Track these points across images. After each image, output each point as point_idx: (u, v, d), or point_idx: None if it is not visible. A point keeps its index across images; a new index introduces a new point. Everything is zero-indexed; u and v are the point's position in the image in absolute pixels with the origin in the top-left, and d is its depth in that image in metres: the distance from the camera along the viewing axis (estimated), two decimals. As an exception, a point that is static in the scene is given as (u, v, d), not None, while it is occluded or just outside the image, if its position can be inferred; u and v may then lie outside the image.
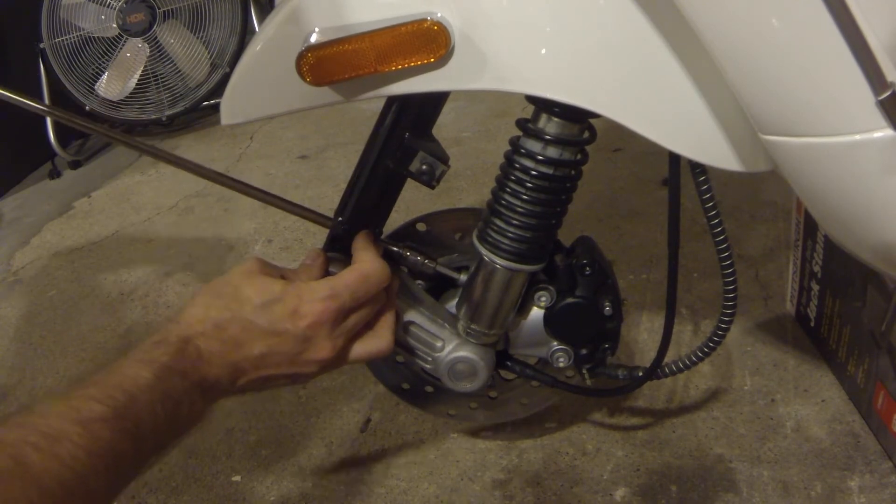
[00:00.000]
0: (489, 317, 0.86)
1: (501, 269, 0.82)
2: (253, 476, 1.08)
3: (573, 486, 1.01)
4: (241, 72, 0.73)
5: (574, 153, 0.78)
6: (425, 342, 0.89)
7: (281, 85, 0.71)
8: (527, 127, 0.77)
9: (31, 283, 1.58)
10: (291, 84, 0.68)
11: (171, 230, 1.73)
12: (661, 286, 1.36)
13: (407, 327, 0.88)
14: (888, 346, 0.98)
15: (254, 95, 0.73)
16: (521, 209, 0.79)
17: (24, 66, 2.03)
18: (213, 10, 2.17)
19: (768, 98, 0.56)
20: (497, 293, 0.84)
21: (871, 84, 0.51)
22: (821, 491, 0.97)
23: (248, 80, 0.73)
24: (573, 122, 0.76)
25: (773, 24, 0.53)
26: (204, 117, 2.33)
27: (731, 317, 0.83)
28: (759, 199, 1.54)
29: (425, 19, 0.64)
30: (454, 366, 0.89)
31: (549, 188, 0.78)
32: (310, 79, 0.68)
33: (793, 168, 0.60)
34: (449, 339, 0.89)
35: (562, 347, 0.91)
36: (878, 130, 0.53)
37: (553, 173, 0.77)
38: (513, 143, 0.79)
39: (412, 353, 0.90)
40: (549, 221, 0.81)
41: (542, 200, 0.79)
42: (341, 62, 0.67)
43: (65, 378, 1.30)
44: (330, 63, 0.67)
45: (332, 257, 0.83)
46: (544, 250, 0.84)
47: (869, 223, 0.59)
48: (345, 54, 0.66)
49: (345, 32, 0.66)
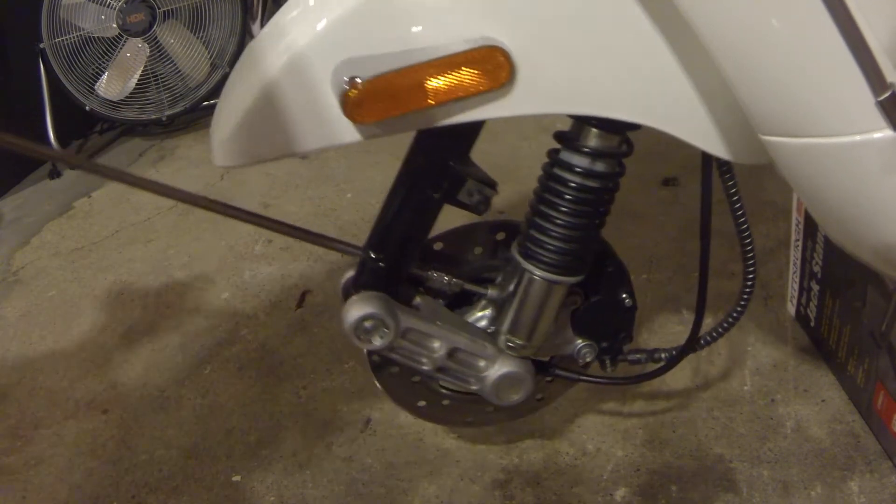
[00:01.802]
0: (531, 329, 0.86)
1: (544, 282, 0.82)
2: (253, 476, 1.08)
3: (573, 486, 1.01)
4: (243, 107, 0.63)
5: (614, 165, 0.79)
6: (470, 365, 0.87)
7: (303, 122, 0.62)
8: (567, 140, 0.78)
9: (31, 283, 1.58)
10: (317, 120, 0.62)
11: (171, 230, 1.73)
12: (661, 286, 1.36)
13: (452, 354, 0.86)
14: (888, 346, 0.98)
15: (264, 133, 0.64)
16: (562, 222, 0.79)
17: (24, 66, 2.02)
18: (213, 10, 2.17)
19: (768, 99, 0.56)
20: (539, 305, 0.84)
21: (871, 85, 0.51)
22: (821, 491, 0.97)
23: (255, 117, 0.63)
24: (614, 134, 0.76)
25: (773, 24, 0.53)
26: (204, 117, 2.32)
27: (753, 278, 0.84)
28: (759, 199, 1.54)
29: (488, 46, 0.60)
30: (500, 383, 0.87)
31: (591, 200, 0.79)
32: (359, 117, 0.60)
33: (793, 168, 0.60)
34: (491, 357, 0.87)
35: (587, 343, 0.92)
36: (878, 131, 0.53)
37: (595, 185, 0.78)
38: (552, 156, 0.79)
39: (458, 380, 0.88)
40: (590, 233, 0.81)
41: (584, 213, 0.79)
42: (396, 97, 0.60)
43: (65, 378, 1.30)
44: (383, 99, 0.59)
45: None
46: (585, 261, 0.84)
47: (869, 223, 0.59)
48: (400, 88, 0.59)
49: (396, 63, 0.59)
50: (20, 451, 1.16)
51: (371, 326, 0.80)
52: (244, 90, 0.64)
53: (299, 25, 0.62)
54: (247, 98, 0.64)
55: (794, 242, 1.21)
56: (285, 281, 1.47)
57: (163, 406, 1.22)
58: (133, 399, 1.24)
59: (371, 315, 0.79)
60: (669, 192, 1.58)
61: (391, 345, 0.82)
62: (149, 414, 1.21)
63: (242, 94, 0.64)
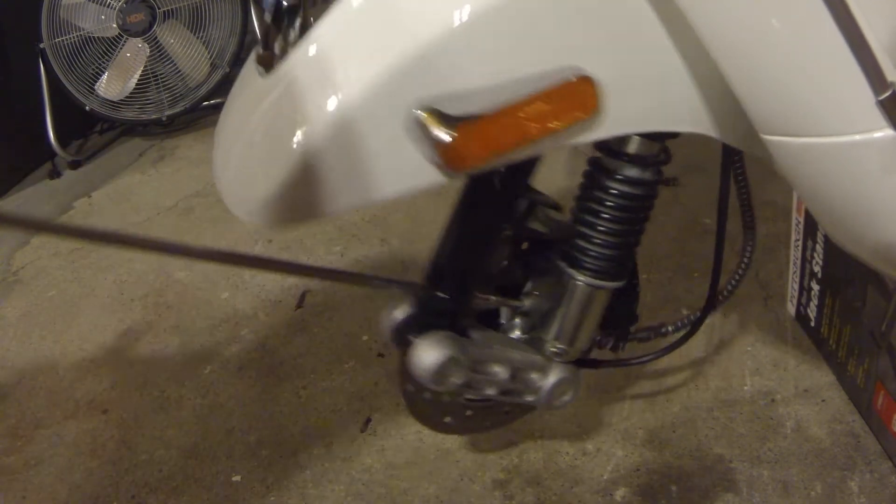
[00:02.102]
0: (575, 334, 0.86)
1: (590, 287, 0.82)
2: (253, 476, 1.08)
3: (573, 486, 1.01)
4: (297, 157, 0.55)
5: (654, 173, 0.80)
6: (526, 381, 0.87)
7: (377, 168, 0.56)
8: (610, 148, 0.78)
9: (31, 283, 1.58)
10: (396, 164, 0.56)
11: (171, 230, 1.73)
12: (661, 286, 1.36)
13: (515, 375, 0.85)
14: (888, 346, 0.98)
15: (331, 186, 0.56)
16: (606, 229, 0.80)
17: (24, 66, 2.02)
18: (213, 10, 2.17)
19: (768, 98, 0.56)
20: (583, 311, 0.85)
21: (871, 84, 0.51)
22: (821, 491, 0.97)
23: (317, 168, 0.55)
24: (656, 141, 0.77)
25: (773, 24, 0.53)
26: (204, 117, 2.32)
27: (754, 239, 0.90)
28: (759, 199, 1.53)
29: (580, 77, 0.58)
30: (555, 390, 0.87)
31: (634, 207, 0.80)
32: (459, 164, 0.55)
33: (793, 168, 0.60)
34: (542, 368, 0.87)
35: (606, 331, 0.93)
36: (878, 130, 0.53)
37: (638, 193, 0.79)
38: (595, 164, 0.80)
39: (517, 396, 0.87)
40: (633, 238, 0.83)
41: (628, 219, 0.80)
42: (496, 139, 0.56)
43: (65, 378, 1.30)
44: (482, 142, 0.55)
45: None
46: (627, 266, 0.85)
47: (869, 223, 0.59)
48: (499, 129, 0.55)
49: (491, 103, 0.55)
50: (20, 451, 1.16)
51: (451, 369, 0.77)
52: (290, 136, 0.56)
53: (357, 60, 0.56)
54: (301, 146, 0.55)
55: (794, 242, 1.21)
56: (285, 281, 1.47)
57: (163, 406, 1.22)
58: (133, 399, 1.24)
59: (451, 358, 0.77)
60: (669, 192, 1.58)
61: (467, 381, 0.80)
62: (149, 414, 1.21)
63: (289, 141, 0.56)
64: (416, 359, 0.76)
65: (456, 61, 0.55)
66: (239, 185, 0.61)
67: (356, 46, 0.56)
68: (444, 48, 0.54)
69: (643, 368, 1.17)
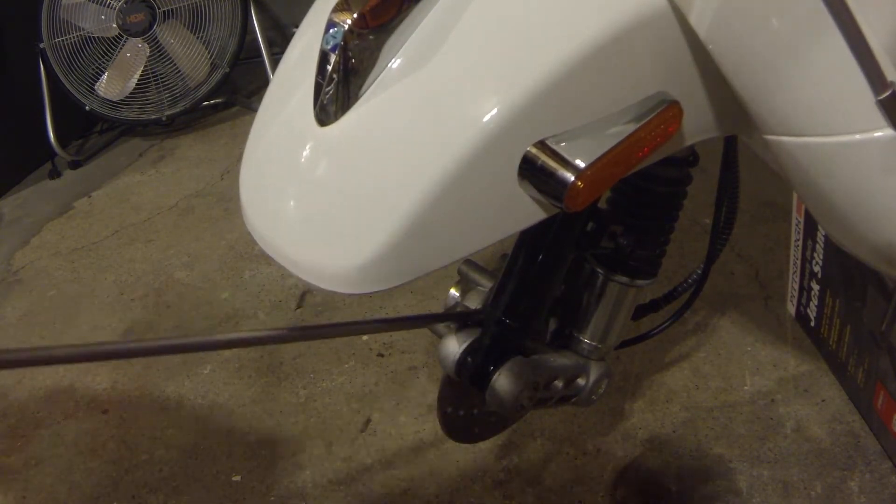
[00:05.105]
0: (608, 331, 0.87)
1: (623, 286, 0.84)
2: (253, 476, 1.08)
3: (573, 486, 1.01)
4: (406, 211, 0.52)
5: (685, 174, 0.81)
6: (574, 384, 0.88)
7: (487, 215, 0.55)
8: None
9: (31, 283, 1.58)
10: (505, 208, 0.55)
11: (171, 230, 1.73)
12: (661, 286, 1.36)
13: (568, 384, 0.86)
14: (888, 346, 0.98)
15: (439, 239, 0.54)
16: (648, 231, 0.82)
17: (24, 66, 2.02)
18: (213, 10, 2.17)
19: (768, 98, 0.56)
20: (618, 308, 0.86)
21: (871, 84, 0.51)
22: (821, 491, 0.97)
23: (428, 221, 0.52)
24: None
25: (773, 23, 0.53)
26: (204, 117, 2.32)
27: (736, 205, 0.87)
28: (759, 199, 1.54)
29: (670, 102, 0.58)
30: (594, 388, 0.88)
31: (667, 207, 0.82)
32: (581, 204, 0.55)
33: (793, 168, 0.60)
34: (582, 368, 0.88)
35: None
36: (878, 130, 0.53)
37: (676, 192, 0.81)
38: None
39: (565, 402, 0.89)
40: (665, 237, 0.84)
41: (668, 219, 0.82)
42: (611, 175, 0.56)
43: (65, 378, 1.30)
44: (601, 180, 0.55)
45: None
46: (658, 263, 0.87)
47: (869, 223, 0.59)
48: (614, 165, 0.56)
49: (609, 141, 0.55)
50: (20, 451, 1.16)
51: (529, 393, 0.78)
52: (401, 191, 0.53)
53: (472, 104, 0.55)
54: (417, 200, 0.53)
55: (794, 242, 1.21)
56: (285, 281, 1.47)
57: (163, 406, 1.22)
58: (133, 399, 1.24)
59: (528, 384, 0.78)
60: (669, 192, 1.58)
61: (538, 399, 0.81)
62: (149, 414, 1.21)
63: (401, 196, 0.53)
64: (500, 388, 0.76)
65: (566, 101, 0.55)
66: (324, 253, 0.57)
67: (468, 91, 0.56)
68: (556, 89, 0.55)
69: (643, 368, 1.17)
